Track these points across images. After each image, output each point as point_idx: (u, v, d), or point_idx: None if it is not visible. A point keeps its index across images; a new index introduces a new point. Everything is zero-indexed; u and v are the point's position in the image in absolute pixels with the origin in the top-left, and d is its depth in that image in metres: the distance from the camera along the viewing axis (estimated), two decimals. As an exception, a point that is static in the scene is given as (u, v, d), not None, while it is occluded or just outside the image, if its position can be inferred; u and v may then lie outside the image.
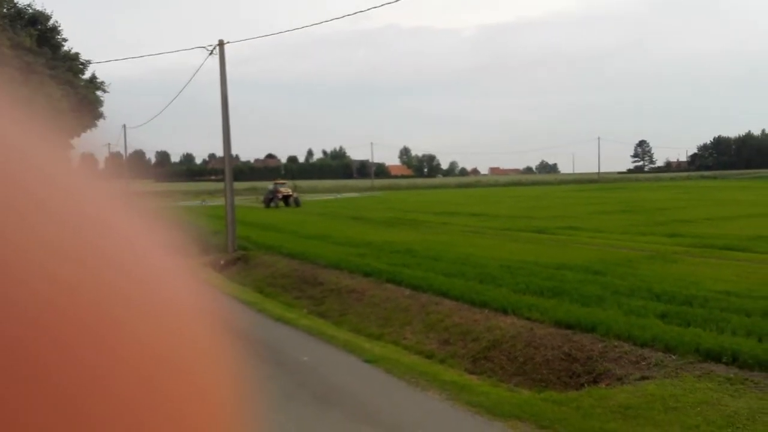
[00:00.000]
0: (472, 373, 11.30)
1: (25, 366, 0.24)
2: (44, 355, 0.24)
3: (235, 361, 0.34)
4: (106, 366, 0.26)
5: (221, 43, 25.64)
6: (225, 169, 25.77)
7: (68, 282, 0.26)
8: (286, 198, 57.09)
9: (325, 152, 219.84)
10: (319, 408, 8.86)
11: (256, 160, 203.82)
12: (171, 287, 0.32)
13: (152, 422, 0.27)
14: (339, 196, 76.24)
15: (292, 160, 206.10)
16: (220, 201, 60.41)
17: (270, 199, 57.65)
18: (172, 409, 0.28)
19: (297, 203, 56.44)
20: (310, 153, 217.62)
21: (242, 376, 0.34)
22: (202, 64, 29.34)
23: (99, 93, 40.94)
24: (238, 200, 64.36)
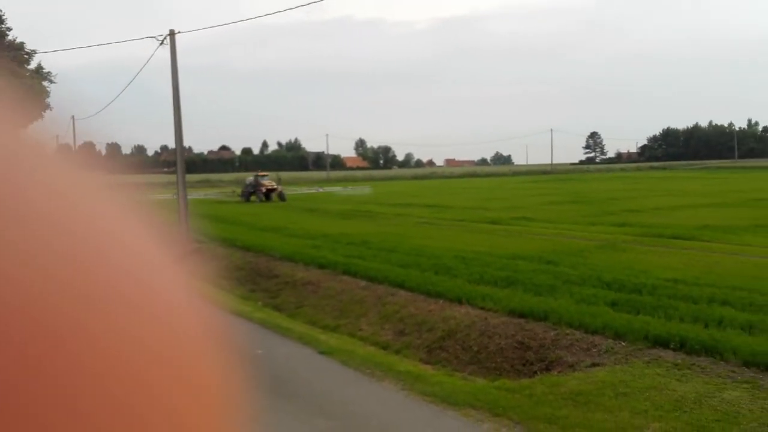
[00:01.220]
0: (427, 363, 11.37)
1: (20, 364, 0.24)
2: (37, 352, 0.24)
3: (227, 358, 0.33)
4: (96, 360, 0.26)
5: (172, 33, 25.19)
6: (177, 161, 25.38)
7: (56, 279, 0.26)
8: (268, 192, 50.83)
9: (280, 144, 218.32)
10: (272, 401, 8.81)
11: (210, 152, 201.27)
12: (162, 283, 0.31)
13: (146, 419, 0.27)
14: (321, 189, 65.67)
15: (247, 152, 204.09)
16: (195, 194, 57.19)
17: (250, 193, 51.83)
18: (166, 404, 0.28)
19: (282, 198, 50.55)
20: (265, 145, 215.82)
21: (234, 373, 0.33)
22: (153, 54, 28.80)
23: (46, 83, 39.95)
24: (212, 194, 59.00)
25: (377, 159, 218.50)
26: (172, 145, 26.46)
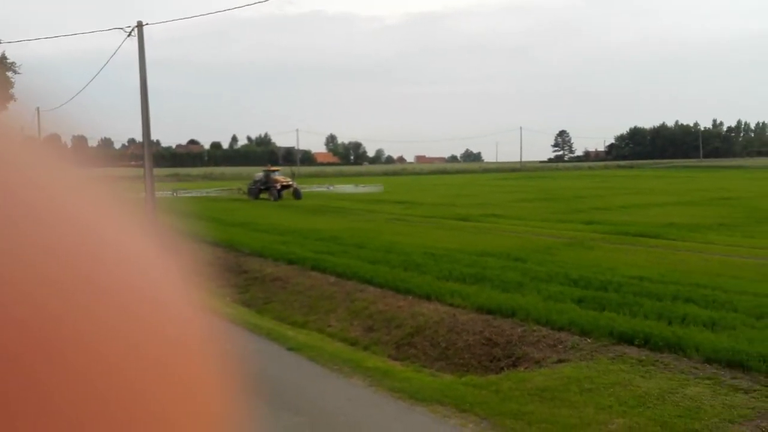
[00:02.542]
0: (395, 359, 11.40)
1: (14, 366, 0.23)
2: (31, 355, 0.24)
3: (223, 361, 0.33)
4: (92, 364, 0.25)
5: (140, 25, 24.86)
6: (144, 155, 25.07)
7: (50, 279, 0.25)
8: (281, 189, 44.93)
9: (250, 138, 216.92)
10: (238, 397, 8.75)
11: (178, 146, 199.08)
12: (157, 283, 0.31)
13: (140, 421, 0.27)
14: (332, 187, 55.86)
15: (216, 146, 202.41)
16: (194, 192, 51.85)
17: (259, 190, 46.10)
18: (161, 407, 0.28)
19: (297, 195, 44.55)
20: (234, 139, 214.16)
21: (230, 376, 0.34)
22: (120, 45, 28.42)
23: (10, 74, 39.19)
24: (213, 191, 52.97)
25: (348, 155, 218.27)
26: (140, 138, 26.11)
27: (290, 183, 46.00)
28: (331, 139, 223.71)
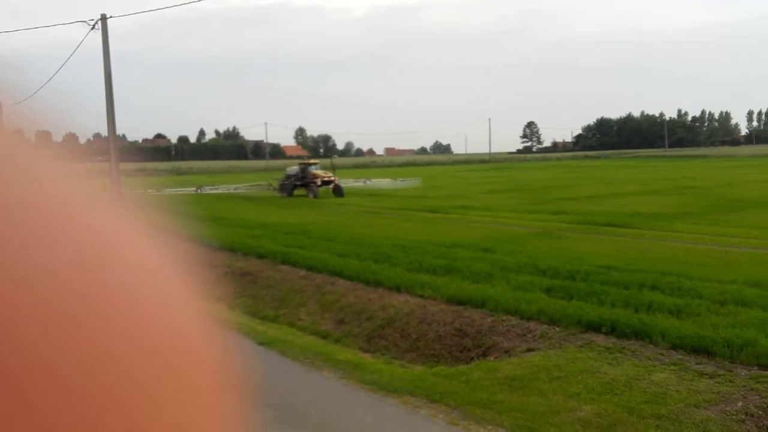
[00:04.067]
0: (366, 351, 11.41)
1: (22, 365, 0.23)
2: (39, 353, 0.24)
3: (228, 361, 0.33)
4: (98, 363, 0.25)
5: (104, 18, 24.48)
6: (110, 150, 24.74)
7: (58, 279, 0.25)
8: (322, 185, 39.99)
9: (218, 132, 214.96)
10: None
11: (145, 140, 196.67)
12: (163, 282, 0.31)
13: (147, 423, 0.27)
14: (369, 181, 49.19)
15: (183, 140, 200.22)
16: (219, 188, 45.60)
17: (294, 186, 41.09)
18: (167, 407, 0.28)
19: (339, 192, 39.41)
20: (202, 133, 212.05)
21: (234, 376, 0.33)
22: (84, 39, 27.94)
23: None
24: (243, 187, 45.84)
25: (317, 148, 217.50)
26: (105, 132, 25.73)
27: (332, 178, 40.91)
28: (300, 132, 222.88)
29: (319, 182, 40.04)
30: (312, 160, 46.44)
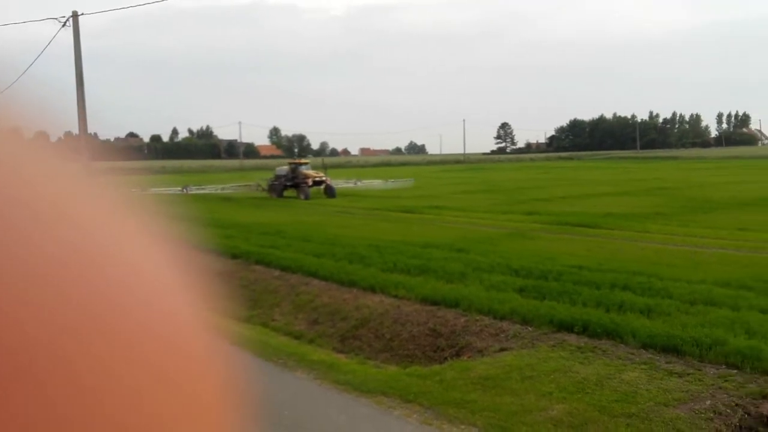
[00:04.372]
0: (340, 352, 11.41)
1: (19, 369, 0.23)
2: (36, 355, 0.23)
3: (228, 369, 0.33)
4: (97, 367, 0.25)
5: (75, 15, 24.19)
6: (81, 149, 24.39)
7: (56, 281, 0.25)
8: (313, 185, 38.67)
9: (191, 131, 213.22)
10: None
11: (117, 139, 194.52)
12: (163, 286, 0.30)
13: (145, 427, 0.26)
14: (360, 183, 46.28)
15: (156, 139, 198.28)
16: (208, 188, 42.93)
17: (284, 186, 39.48)
18: (169, 409, 0.28)
19: (330, 193, 38.34)
20: (175, 132, 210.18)
21: (235, 383, 0.33)
22: (54, 36, 27.55)
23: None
24: (230, 187, 43.24)
25: (292, 147, 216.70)
26: (77, 130, 25.40)
27: (323, 178, 39.65)
28: (274, 132, 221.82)
29: (310, 182, 38.75)
30: (303, 160, 44.72)
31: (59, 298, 0.25)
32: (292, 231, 21.64)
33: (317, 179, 39.14)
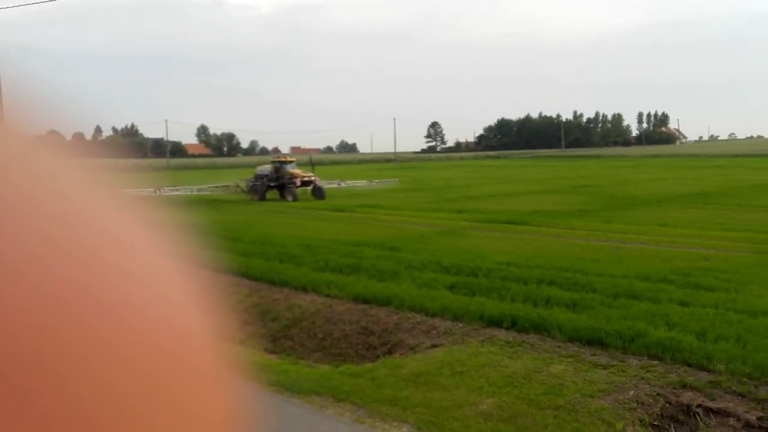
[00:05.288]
0: (272, 352, 11.30)
1: (25, 364, 0.23)
2: (44, 354, 0.23)
3: (232, 363, 0.32)
4: (103, 363, 0.25)
5: (-10, 8, 23.13)
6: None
7: (65, 279, 0.25)
8: (301, 186, 35.77)
9: (115, 129, 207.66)
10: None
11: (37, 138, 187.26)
12: (168, 284, 0.30)
13: (153, 424, 0.26)
14: (344, 183, 43.24)
15: (78, 137, 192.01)
16: (184, 188, 38.40)
17: (267, 187, 36.23)
18: (176, 407, 0.28)
19: (319, 194, 35.27)
20: (98, 130, 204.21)
21: (239, 381, 0.32)
22: (-32, 29, 26.32)
23: None
24: (207, 188, 39.64)
25: (221, 146, 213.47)
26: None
27: (312, 178, 36.42)
28: (202, 130, 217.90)
29: (298, 182, 35.59)
30: (288, 158, 40.79)
31: (56, 310, 0.24)
32: (220, 230, 21.28)
33: (305, 179, 36.10)
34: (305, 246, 17.52)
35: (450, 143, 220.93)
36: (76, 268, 0.25)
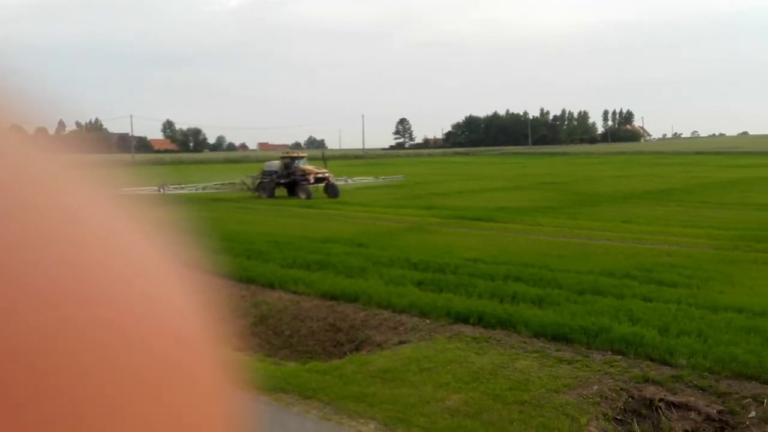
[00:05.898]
0: (238, 350, 11.20)
1: (22, 367, 0.23)
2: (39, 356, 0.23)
3: (230, 365, 0.31)
4: (100, 368, 0.24)
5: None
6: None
7: (57, 279, 0.24)
8: (315, 183, 33.50)
9: (79, 124, 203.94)
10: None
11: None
12: (165, 283, 0.30)
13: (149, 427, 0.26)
14: (351, 180, 41.79)
15: (41, 131, 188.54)
16: (189, 187, 38.10)
17: (276, 185, 34.26)
18: (172, 411, 0.27)
19: (333, 192, 33.00)
20: (62, 125, 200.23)
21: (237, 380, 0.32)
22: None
23: None
24: (212, 186, 38.39)
25: (187, 142, 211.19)
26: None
27: (326, 174, 34.02)
28: (168, 125, 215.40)
29: (312, 179, 33.31)
30: (299, 153, 38.42)
31: (49, 313, 0.24)
32: (191, 228, 21.08)
33: (319, 175, 33.70)
34: (273, 243, 17.44)
35: (418, 140, 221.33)
36: (67, 270, 0.25)
